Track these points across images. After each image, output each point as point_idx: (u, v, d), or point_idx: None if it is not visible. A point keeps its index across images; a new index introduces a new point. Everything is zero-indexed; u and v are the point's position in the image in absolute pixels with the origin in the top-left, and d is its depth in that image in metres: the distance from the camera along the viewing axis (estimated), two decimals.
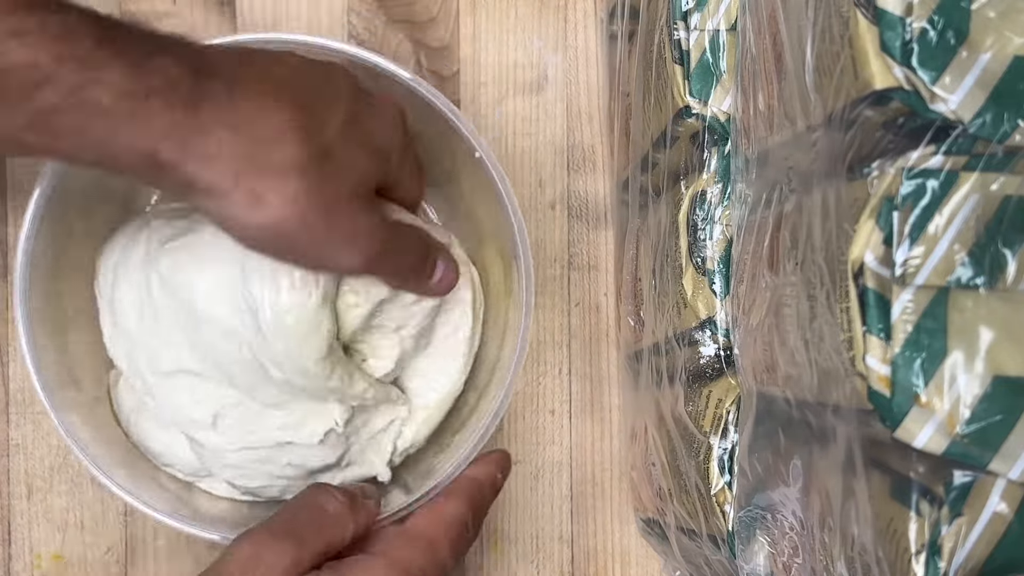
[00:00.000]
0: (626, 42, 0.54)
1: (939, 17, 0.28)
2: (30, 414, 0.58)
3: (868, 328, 0.29)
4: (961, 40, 0.28)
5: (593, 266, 0.61)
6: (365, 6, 0.61)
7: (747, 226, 0.41)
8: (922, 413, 0.28)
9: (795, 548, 0.36)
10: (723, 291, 0.44)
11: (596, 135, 0.62)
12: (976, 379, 0.28)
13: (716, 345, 0.44)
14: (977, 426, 0.28)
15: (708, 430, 0.44)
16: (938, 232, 0.29)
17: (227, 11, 0.60)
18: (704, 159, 0.45)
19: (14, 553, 0.58)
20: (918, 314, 0.29)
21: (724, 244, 0.44)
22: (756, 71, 0.39)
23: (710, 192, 0.45)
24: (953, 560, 0.28)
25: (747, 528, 0.40)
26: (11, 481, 0.58)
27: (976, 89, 0.28)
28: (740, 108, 0.42)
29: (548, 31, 0.61)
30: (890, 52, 0.29)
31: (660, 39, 0.47)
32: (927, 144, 0.29)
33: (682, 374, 0.47)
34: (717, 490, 0.43)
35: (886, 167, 0.30)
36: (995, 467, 0.28)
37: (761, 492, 0.39)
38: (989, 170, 0.29)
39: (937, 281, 0.29)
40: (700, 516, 0.45)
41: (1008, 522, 0.28)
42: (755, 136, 0.40)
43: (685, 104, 0.45)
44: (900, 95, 0.29)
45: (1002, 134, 0.29)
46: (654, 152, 0.50)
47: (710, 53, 0.44)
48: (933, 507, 0.28)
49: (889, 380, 0.29)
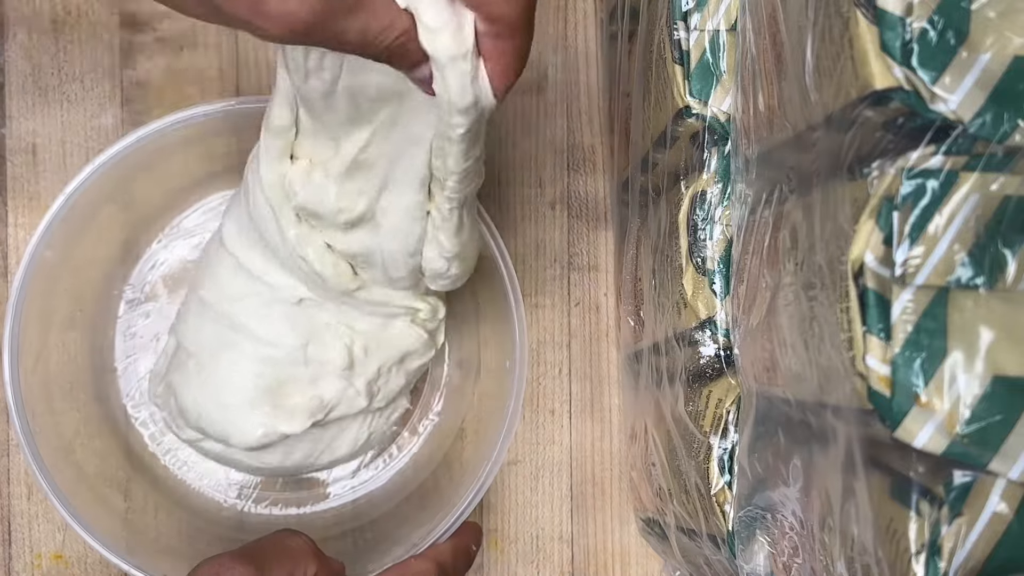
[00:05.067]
0: (626, 42, 0.54)
1: (939, 17, 0.28)
2: None
3: (868, 328, 0.29)
4: (961, 40, 0.28)
5: (593, 266, 0.61)
6: None
7: (747, 226, 0.41)
8: (922, 413, 0.28)
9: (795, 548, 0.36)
10: (723, 291, 0.44)
11: (596, 135, 0.62)
12: (976, 379, 0.28)
13: (716, 345, 0.44)
14: (977, 426, 0.28)
15: (708, 430, 0.44)
16: (938, 232, 0.29)
17: None
18: (704, 159, 0.45)
19: (14, 553, 0.58)
20: (918, 314, 0.29)
21: (724, 244, 0.44)
22: (756, 71, 0.39)
23: (710, 192, 0.45)
24: (953, 560, 0.28)
25: (747, 528, 0.40)
26: (11, 481, 0.58)
27: (976, 89, 0.28)
28: (740, 108, 0.42)
29: (548, 31, 0.61)
30: (890, 52, 0.29)
31: (660, 39, 0.47)
32: (927, 144, 0.29)
33: (682, 374, 0.47)
34: (717, 490, 0.43)
35: (886, 167, 0.30)
36: (995, 467, 0.28)
37: (761, 492, 0.39)
38: (989, 170, 0.29)
39: (937, 281, 0.29)
40: (700, 516, 0.45)
41: (1008, 522, 0.28)
42: (755, 136, 0.40)
43: (685, 104, 0.45)
44: (900, 95, 0.29)
45: (1002, 134, 0.28)
46: (654, 152, 0.50)
47: (710, 53, 0.44)
48: (933, 507, 0.28)
49: (889, 380, 0.29)
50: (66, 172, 0.60)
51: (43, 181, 0.60)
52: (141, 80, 0.60)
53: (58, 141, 0.60)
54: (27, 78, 0.60)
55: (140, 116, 0.60)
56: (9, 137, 0.60)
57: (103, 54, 0.60)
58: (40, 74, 0.60)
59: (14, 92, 0.60)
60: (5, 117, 0.60)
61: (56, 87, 0.60)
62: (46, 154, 0.60)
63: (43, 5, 0.60)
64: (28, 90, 0.60)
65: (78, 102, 0.60)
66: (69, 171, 0.60)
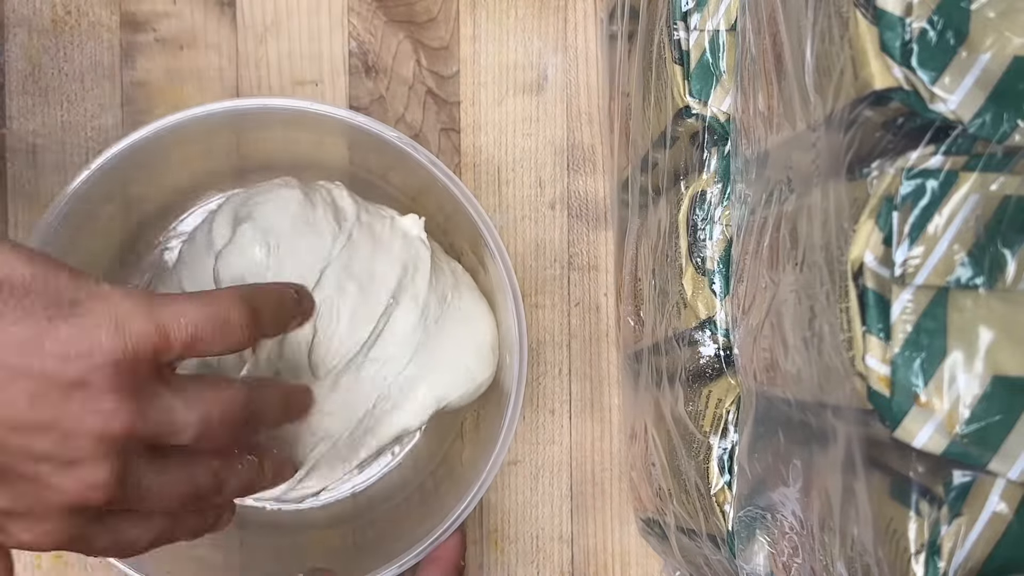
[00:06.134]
0: (626, 42, 0.54)
1: (939, 17, 0.28)
2: None
3: (868, 328, 0.29)
4: (961, 40, 0.28)
5: (593, 266, 0.61)
6: (365, 6, 0.61)
7: (747, 226, 0.41)
8: (922, 413, 0.28)
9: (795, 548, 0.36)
10: (723, 291, 0.44)
11: (596, 135, 0.62)
12: (976, 379, 0.28)
13: (716, 345, 0.44)
14: (977, 426, 0.28)
15: (708, 430, 0.44)
16: (938, 232, 0.29)
17: (228, 11, 0.60)
18: (704, 159, 0.45)
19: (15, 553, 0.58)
20: (918, 314, 0.29)
21: (724, 244, 0.44)
22: (756, 71, 0.39)
23: (710, 192, 0.45)
24: (953, 560, 0.28)
25: (747, 528, 0.40)
26: None
27: (976, 89, 0.28)
28: (740, 108, 0.42)
29: (548, 31, 0.61)
30: (890, 52, 0.29)
31: (660, 39, 0.47)
32: (927, 144, 0.29)
33: (682, 374, 0.47)
34: (717, 490, 0.43)
35: (886, 167, 0.30)
36: (995, 467, 0.28)
37: (761, 492, 0.39)
38: (989, 170, 0.29)
39: (937, 281, 0.29)
40: (700, 516, 0.45)
41: (1008, 522, 0.28)
42: (755, 136, 0.40)
43: (685, 104, 0.45)
44: (900, 95, 0.29)
45: (1002, 134, 0.28)
46: (654, 152, 0.50)
47: (710, 53, 0.44)
48: (933, 507, 0.28)
49: (889, 380, 0.29)
50: (66, 172, 0.60)
51: (43, 181, 0.60)
52: (141, 80, 0.60)
53: (58, 141, 0.60)
54: (27, 78, 0.60)
55: (140, 116, 0.60)
56: (9, 137, 0.60)
57: (103, 54, 0.60)
58: (40, 74, 0.60)
59: (14, 92, 0.60)
60: (5, 117, 0.60)
61: (56, 87, 0.60)
62: (46, 154, 0.60)
63: (43, 5, 0.60)
64: (28, 90, 0.60)
65: (78, 102, 0.60)
66: (69, 171, 0.60)
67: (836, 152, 0.32)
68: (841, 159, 0.32)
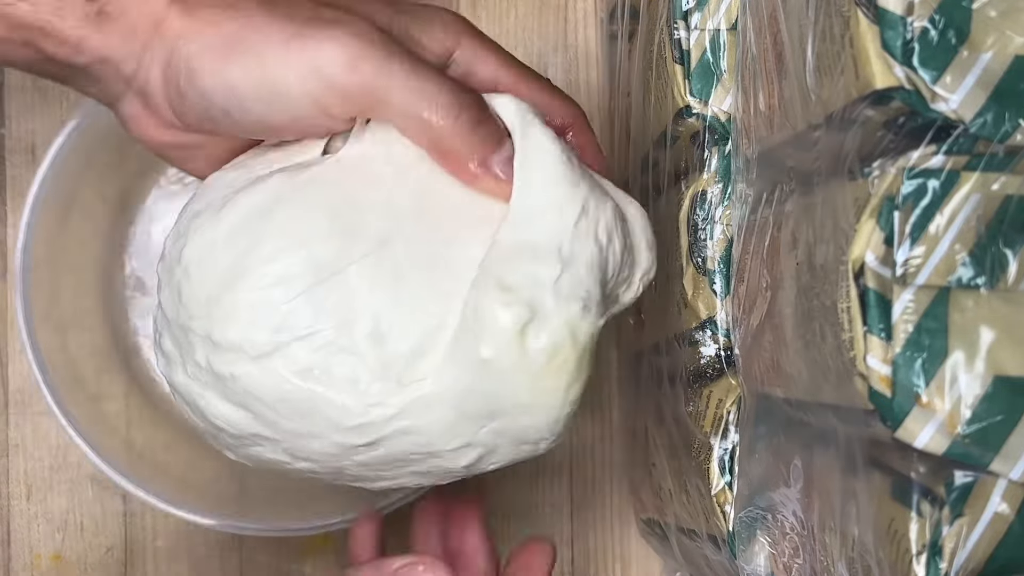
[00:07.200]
0: (626, 42, 0.54)
1: (940, 16, 0.28)
2: (30, 414, 0.58)
3: (869, 328, 0.29)
4: (962, 39, 0.28)
5: None
6: None
7: (747, 226, 0.41)
8: (923, 413, 0.28)
9: (796, 548, 0.36)
10: (723, 291, 0.44)
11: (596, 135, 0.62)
12: (977, 379, 0.28)
13: (716, 345, 0.44)
14: (978, 426, 0.28)
15: (708, 430, 0.44)
16: (939, 232, 0.29)
17: None
18: (704, 159, 0.45)
19: (14, 553, 0.58)
20: (919, 314, 0.29)
21: (724, 244, 0.44)
22: (757, 71, 0.39)
23: (710, 192, 0.45)
24: (954, 561, 0.28)
25: (747, 528, 0.40)
26: (11, 481, 0.58)
27: (977, 89, 0.28)
28: (740, 108, 0.42)
29: (548, 31, 0.61)
30: (891, 51, 0.29)
31: (660, 39, 0.47)
32: (928, 144, 0.29)
33: (682, 374, 0.47)
34: (717, 490, 0.43)
35: (887, 167, 0.30)
36: (996, 467, 0.28)
37: (761, 492, 0.39)
38: (990, 170, 0.29)
39: (938, 281, 0.29)
40: (700, 516, 0.45)
41: (1009, 522, 0.28)
42: (755, 136, 0.40)
43: (685, 104, 0.45)
44: (901, 95, 0.29)
45: (1003, 134, 0.28)
46: (654, 152, 0.50)
47: (710, 53, 0.44)
48: (934, 507, 0.28)
49: (890, 380, 0.28)
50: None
51: None
52: None
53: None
54: (27, 78, 0.60)
55: None
56: (9, 137, 0.60)
57: None
58: None
59: (14, 92, 0.60)
60: (5, 117, 0.60)
61: (56, 87, 0.60)
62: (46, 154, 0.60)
63: None
64: (28, 90, 0.60)
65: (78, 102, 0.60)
66: None
67: (837, 151, 0.32)
68: (842, 159, 0.32)
